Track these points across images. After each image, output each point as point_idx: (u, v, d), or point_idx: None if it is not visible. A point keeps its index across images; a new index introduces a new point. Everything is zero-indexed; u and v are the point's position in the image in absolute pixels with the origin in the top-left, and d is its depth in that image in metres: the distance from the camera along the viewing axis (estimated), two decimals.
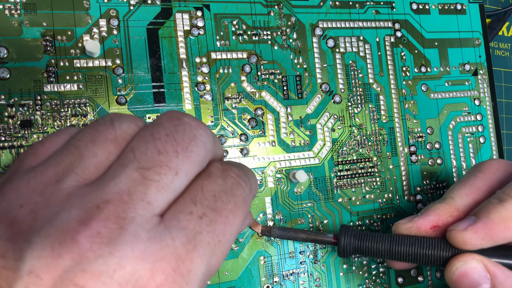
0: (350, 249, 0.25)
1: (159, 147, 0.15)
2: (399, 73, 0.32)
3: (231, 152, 0.28)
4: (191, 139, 0.16)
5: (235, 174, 0.17)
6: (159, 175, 0.15)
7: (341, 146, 0.30)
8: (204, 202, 0.16)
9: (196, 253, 0.15)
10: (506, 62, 0.42)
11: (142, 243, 0.14)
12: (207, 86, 0.27)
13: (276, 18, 0.30)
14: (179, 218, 0.15)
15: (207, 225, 0.15)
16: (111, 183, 0.14)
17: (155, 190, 0.15)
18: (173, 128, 0.16)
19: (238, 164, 0.19)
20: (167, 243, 0.14)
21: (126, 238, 0.13)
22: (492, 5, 0.42)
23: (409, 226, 0.24)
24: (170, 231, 0.14)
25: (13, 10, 0.24)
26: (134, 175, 0.15)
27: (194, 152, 0.16)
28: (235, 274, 0.27)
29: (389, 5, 0.33)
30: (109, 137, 0.16)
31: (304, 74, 0.30)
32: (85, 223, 0.13)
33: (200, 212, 0.15)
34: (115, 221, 0.14)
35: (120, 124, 0.16)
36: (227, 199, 0.16)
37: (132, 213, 0.14)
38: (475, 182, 0.25)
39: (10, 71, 0.24)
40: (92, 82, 0.25)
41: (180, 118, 0.16)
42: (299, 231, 0.26)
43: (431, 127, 0.33)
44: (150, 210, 0.14)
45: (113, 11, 0.26)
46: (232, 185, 0.17)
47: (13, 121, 0.24)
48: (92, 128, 0.16)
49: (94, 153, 0.16)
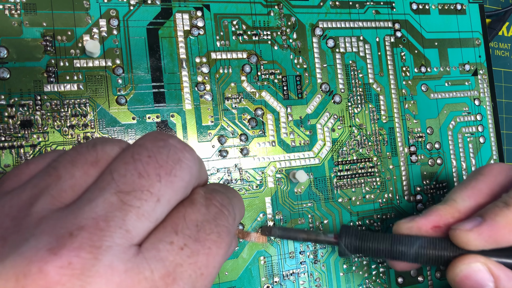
0: (351, 249, 0.25)
1: (140, 170, 0.14)
2: (399, 73, 0.33)
3: (231, 152, 0.28)
4: (175, 162, 0.15)
5: (219, 203, 0.16)
6: (139, 200, 0.14)
7: (341, 146, 0.30)
8: (186, 231, 0.15)
9: (175, 287, 0.14)
10: (506, 62, 0.42)
11: (118, 275, 0.13)
12: (207, 86, 0.27)
13: (276, 18, 0.30)
14: (158, 248, 0.14)
15: (188, 256, 0.14)
16: (87, 207, 0.13)
17: (135, 217, 0.14)
18: (156, 150, 0.15)
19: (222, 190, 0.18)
20: (145, 276, 0.13)
21: (100, 270, 0.12)
22: (492, 5, 0.42)
23: (410, 225, 0.24)
24: (149, 263, 0.13)
25: (13, 10, 0.24)
26: (112, 199, 0.13)
27: (178, 177, 0.15)
28: (235, 274, 0.27)
29: (389, 5, 0.33)
30: (90, 159, 0.15)
31: (304, 74, 0.30)
32: (55, 252, 0.12)
33: (181, 242, 0.14)
34: (89, 250, 0.12)
35: (103, 147, 0.15)
36: (210, 229, 0.15)
37: (109, 242, 0.13)
38: (477, 185, 0.24)
39: (10, 71, 0.24)
40: (92, 82, 0.25)
41: (165, 139, 0.15)
42: (299, 231, 0.26)
43: (431, 127, 0.33)
44: (129, 239, 0.13)
45: (113, 11, 0.26)
46: (216, 214, 0.16)
47: (13, 121, 0.24)
48: (73, 150, 0.15)
49: (72, 174, 0.15)
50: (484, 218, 0.22)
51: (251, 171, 0.28)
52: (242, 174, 0.28)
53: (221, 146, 0.27)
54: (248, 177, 0.28)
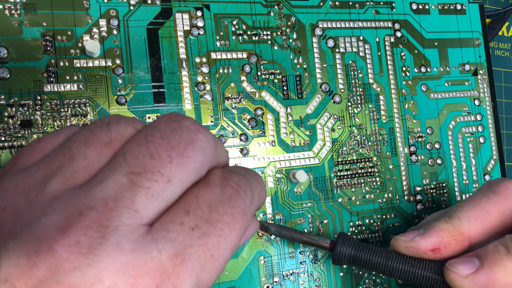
0: (345, 258, 0.24)
1: (151, 151, 0.14)
2: (399, 73, 0.33)
3: (231, 152, 0.28)
4: (188, 143, 0.15)
5: (235, 183, 0.16)
6: (149, 181, 0.14)
7: (341, 146, 0.30)
8: (198, 212, 0.15)
9: (183, 268, 0.14)
10: (506, 62, 0.42)
11: (125, 255, 0.13)
12: (207, 86, 0.27)
13: (276, 18, 0.30)
14: (168, 228, 0.14)
15: (198, 237, 0.14)
16: (97, 188, 0.14)
17: (144, 197, 0.14)
18: (170, 131, 0.15)
19: (242, 172, 0.17)
20: (152, 256, 0.13)
21: (107, 249, 0.12)
22: (492, 5, 0.42)
23: (409, 245, 0.23)
24: (157, 243, 0.13)
25: (13, 10, 0.24)
26: (123, 180, 0.14)
27: (190, 158, 0.15)
28: (235, 274, 0.27)
29: (389, 5, 0.33)
30: (104, 140, 0.15)
31: (304, 74, 0.30)
32: (64, 231, 0.12)
33: (192, 223, 0.14)
34: (97, 230, 0.13)
35: (117, 127, 0.15)
36: (224, 210, 0.15)
37: (117, 222, 0.13)
38: (487, 205, 0.23)
39: (10, 71, 0.24)
40: (92, 82, 0.25)
41: (179, 121, 0.15)
42: (296, 231, 0.26)
43: (431, 127, 0.33)
44: (137, 219, 0.13)
45: (113, 11, 0.26)
46: (231, 195, 0.16)
47: (13, 121, 0.24)
48: (87, 130, 0.16)
49: (85, 155, 0.15)
50: (482, 263, 0.21)
51: None
52: None
53: None
54: None
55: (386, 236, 0.31)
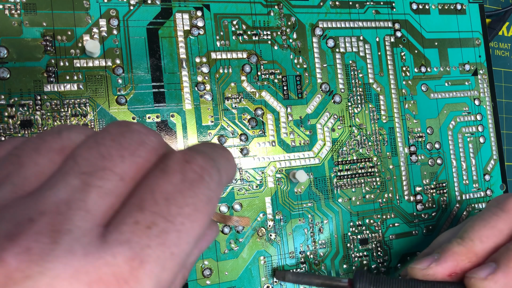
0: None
1: (102, 152, 0.14)
2: (399, 73, 0.33)
3: (231, 152, 0.28)
4: (139, 144, 0.14)
5: (199, 167, 0.14)
6: (101, 180, 0.13)
7: (341, 146, 0.30)
8: (154, 208, 0.13)
9: (142, 271, 0.12)
10: (506, 62, 0.42)
11: (77, 260, 0.12)
12: (207, 86, 0.27)
13: (276, 18, 0.30)
14: (121, 229, 0.13)
15: (156, 236, 0.13)
16: (49, 192, 0.13)
17: (97, 197, 0.13)
18: (120, 134, 0.14)
19: (207, 150, 0.16)
20: (106, 261, 0.12)
21: (60, 254, 0.12)
22: (492, 5, 0.42)
23: (426, 273, 0.23)
24: (111, 246, 0.12)
25: (13, 10, 0.24)
26: (74, 182, 0.13)
27: (143, 158, 0.14)
28: (235, 274, 0.27)
29: (389, 5, 0.33)
30: (54, 146, 0.14)
31: (304, 74, 0.30)
32: (13, 239, 0.12)
33: (148, 221, 0.13)
34: (49, 235, 0.12)
35: (69, 134, 0.15)
36: (184, 201, 0.14)
37: (69, 225, 0.12)
38: (498, 224, 0.23)
39: (10, 71, 0.24)
40: (92, 82, 0.25)
41: (129, 125, 0.15)
42: (313, 276, 0.26)
43: (431, 127, 0.33)
44: (90, 220, 0.13)
45: (113, 11, 0.26)
46: (193, 182, 0.14)
47: (13, 121, 0.24)
48: (37, 137, 0.15)
49: (36, 162, 0.14)
50: (498, 264, 0.21)
51: (251, 171, 0.28)
52: (242, 174, 0.28)
53: None
54: (248, 177, 0.28)
55: (386, 236, 0.31)
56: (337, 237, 0.29)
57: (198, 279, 0.26)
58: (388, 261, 0.31)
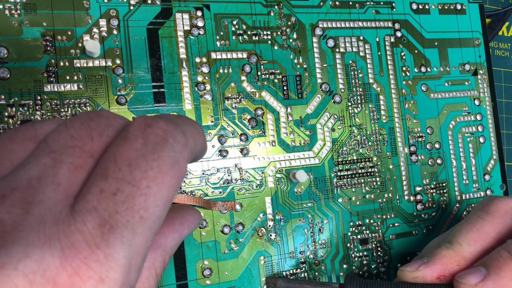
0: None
1: (72, 133, 0.14)
2: (399, 73, 0.33)
3: (231, 152, 0.28)
4: (107, 125, 0.15)
5: (161, 129, 0.15)
6: (71, 156, 0.14)
7: (341, 146, 0.30)
8: (117, 175, 0.13)
9: (112, 236, 0.13)
10: (506, 62, 0.42)
11: (49, 227, 0.12)
12: (207, 86, 0.27)
13: (276, 18, 0.30)
14: (87, 198, 0.13)
15: (123, 201, 0.13)
16: (21, 171, 0.14)
17: (67, 171, 0.14)
18: (89, 119, 0.15)
19: (171, 117, 0.16)
20: (76, 228, 0.13)
21: (32, 224, 0.12)
22: (492, 5, 0.42)
23: (415, 275, 0.23)
24: (80, 214, 0.13)
25: (13, 10, 0.24)
26: (45, 160, 0.14)
27: (110, 137, 0.15)
28: (235, 274, 0.27)
29: (389, 5, 0.33)
30: (28, 135, 0.15)
31: (304, 74, 0.30)
32: None
33: (113, 187, 0.13)
34: (21, 207, 0.12)
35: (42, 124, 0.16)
36: (147, 165, 0.14)
37: (40, 197, 0.13)
38: (483, 227, 0.24)
39: (10, 71, 0.24)
40: (92, 82, 0.25)
41: (97, 112, 0.15)
42: (304, 281, 0.26)
43: (431, 127, 0.33)
44: (60, 191, 0.13)
45: (113, 11, 0.26)
46: (155, 145, 0.14)
47: (13, 121, 0.24)
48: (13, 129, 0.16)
49: (10, 149, 0.15)
50: (488, 271, 0.21)
51: (251, 171, 0.28)
52: (242, 174, 0.28)
53: (221, 146, 0.27)
54: (248, 177, 0.28)
55: (386, 236, 0.31)
56: (337, 237, 0.29)
57: (198, 279, 0.26)
58: (388, 261, 0.31)
